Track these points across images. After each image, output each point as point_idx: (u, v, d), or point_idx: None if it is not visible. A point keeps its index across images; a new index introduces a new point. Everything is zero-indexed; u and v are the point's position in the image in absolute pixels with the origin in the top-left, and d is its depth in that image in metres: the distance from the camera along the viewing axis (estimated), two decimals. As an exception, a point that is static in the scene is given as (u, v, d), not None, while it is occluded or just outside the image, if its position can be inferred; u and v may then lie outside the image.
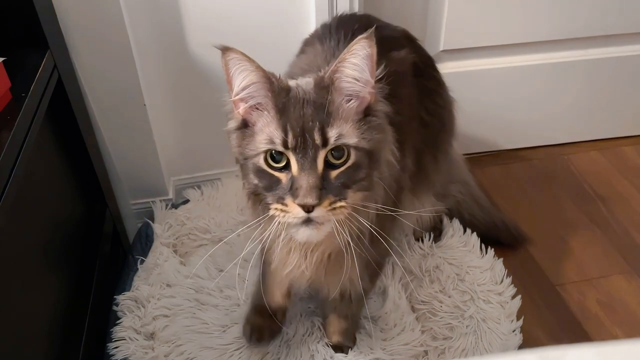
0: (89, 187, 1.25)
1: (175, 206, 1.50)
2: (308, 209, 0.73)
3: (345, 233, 0.78)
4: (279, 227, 0.78)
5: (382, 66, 0.94)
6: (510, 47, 1.58)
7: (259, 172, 0.78)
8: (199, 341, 1.17)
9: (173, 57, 1.33)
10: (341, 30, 1.03)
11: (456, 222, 1.43)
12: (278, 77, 0.78)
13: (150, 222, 1.44)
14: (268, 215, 0.78)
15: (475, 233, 1.41)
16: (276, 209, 0.76)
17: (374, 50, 0.74)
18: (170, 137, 1.46)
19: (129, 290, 1.28)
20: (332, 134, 0.74)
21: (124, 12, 1.20)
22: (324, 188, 0.74)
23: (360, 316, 1.18)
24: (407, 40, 1.12)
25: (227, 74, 0.77)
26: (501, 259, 1.35)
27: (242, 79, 0.76)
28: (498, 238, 1.41)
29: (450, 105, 1.19)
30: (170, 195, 1.51)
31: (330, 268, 0.92)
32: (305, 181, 0.73)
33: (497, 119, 1.69)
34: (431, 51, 1.53)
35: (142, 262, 1.34)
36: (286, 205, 0.75)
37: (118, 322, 1.21)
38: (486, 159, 1.74)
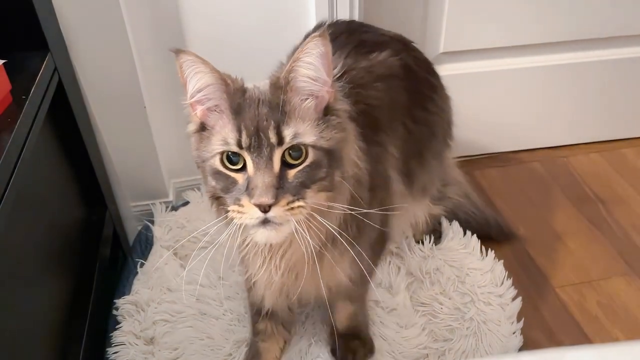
0: (89, 189, 1.25)
1: (175, 208, 1.50)
2: (264, 208, 0.72)
3: (307, 236, 0.76)
4: (238, 230, 0.77)
5: (340, 65, 0.95)
6: (510, 49, 1.58)
7: (216, 173, 0.77)
8: (200, 350, 1.16)
9: (173, 59, 1.33)
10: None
11: (456, 225, 1.43)
12: (234, 78, 0.77)
13: (150, 224, 1.44)
14: (227, 217, 0.77)
15: (475, 235, 1.41)
16: (234, 210, 0.75)
17: (329, 48, 0.73)
18: (170, 139, 1.46)
19: (128, 294, 1.28)
20: (288, 132, 0.73)
21: (124, 15, 1.20)
22: (281, 187, 0.73)
23: (367, 298, 1.16)
24: (398, 44, 1.10)
25: (181, 77, 0.76)
26: (501, 261, 1.35)
27: (197, 81, 0.76)
28: (490, 234, 1.42)
29: (443, 111, 1.17)
30: (171, 197, 1.51)
31: (300, 275, 0.90)
32: (261, 180, 0.72)
33: (497, 121, 1.69)
34: (431, 54, 1.53)
35: (142, 265, 1.34)
36: (243, 205, 0.74)
37: (118, 326, 1.21)
38: (485, 161, 1.74)
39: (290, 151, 0.74)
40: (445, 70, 1.55)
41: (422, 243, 1.39)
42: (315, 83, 0.75)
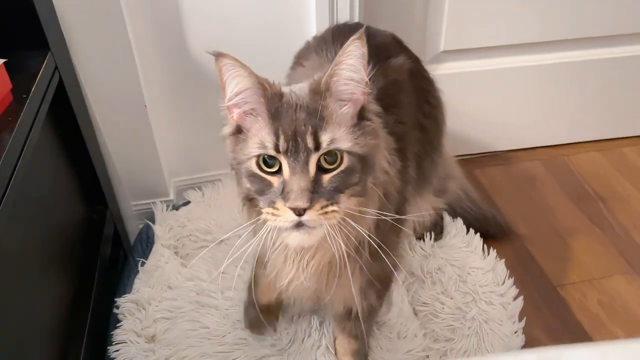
0: (90, 188, 1.25)
1: (176, 207, 1.50)
2: (299, 212, 0.73)
3: (340, 240, 0.77)
4: (271, 233, 0.77)
5: (374, 71, 0.94)
6: (511, 47, 1.58)
7: (252, 176, 0.78)
8: (200, 346, 1.17)
9: (174, 58, 1.34)
10: (337, 41, 1.03)
11: (459, 222, 1.43)
12: (272, 83, 0.78)
13: (151, 223, 1.44)
14: (260, 219, 0.78)
15: (478, 234, 1.41)
16: (268, 212, 0.76)
17: (366, 49, 0.74)
18: (171, 138, 1.46)
19: (129, 292, 1.28)
20: (325, 138, 0.74)
21: (125, 14, 1.20)
22: (316, 192, 0.74)
23: (371, 336, 1.16)
24: (397, 45, 1.11)
25: (220, 80, 0.77)
26: (503, 260, 1.35)
27: (236, 85, 0.76)
28: (487, 230, 1.42)
29: (440, 103, 1.19)
30: (171, 197, 1.51)
31: (329, 279, 0.91)
32: (297, 184, 0.73)
33: (497, 120, 1.69)
34: (431, 52, 1.54)
35: (143, 264, 1.34)
36: (277, 209, 0.75)
37: (119, 325, 1.21)
38: (486, 160, 1.74)
39: (326, 156, 0.75)
40: (445, 69, 1.55)
41: (423, 240, 1.39)
42: (356, 83, 0.76)
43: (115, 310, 1.24)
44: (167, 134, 1.45)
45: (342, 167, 0.76)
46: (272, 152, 0.75)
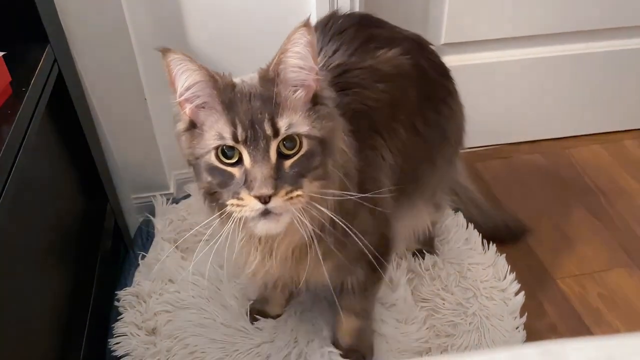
0: (90, 181, 1.25)
1: (176, 201, 1.50)
2: (265, 199, 0.73)
3: (307, 223, 0.77)
4: (237, 224, 0.77)
5: (322, 54, 0.96)
6: (513, 40, 1.57)
7: (212, 169, 0.77)
8: (202, 335, 1.17)
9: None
10: (329, 30, 1.02)
11: (459, 217, 1.43)
12: (222, 74, 0.77)
13: (151, 217, 1.44)
14: (225, 212, 0.77)
15: (476, 230, 1.40)
16: (232, 204, 0.75)
17: (314, 37, 0.74)
18: (171, 130, 1.44)
19: (130, 285, 1.28)
20: (283, 123, 0.74)
21: (124, 6, 1.19)
22: (279, 178, 0.74)
23: (372, 313, 1.16)
24: (412, 43, 1.08)
25: (169, 76, 0.76)
26: (504, 255, 1.35)
27: (185, 79, 0.76)
28: (501, 238, 1.40)
29: (457, 116, 1.15)
30: (172, 190, 1.51)
31: (300, 264, 0.91)
32: (260, 172, 0.72)
33: (499, 112, 1.69)
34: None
35: (143, 257, 1.34)
36: (242, 199, 0.74)
37: (119, 317, 1.21)
38: (488, 153, 1.73)
39: (285, 142, 0.75)
40: (446, 62, 1.54)
41: (415, 255, 1.35)
42: (304, 71, 0.76)
43: (115, 303, 1.24)
44: (167, 126, 1.43)
45: (302, 152, 0.75)
46: (230, 143, 0.74)
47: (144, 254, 1.35)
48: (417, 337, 1.17)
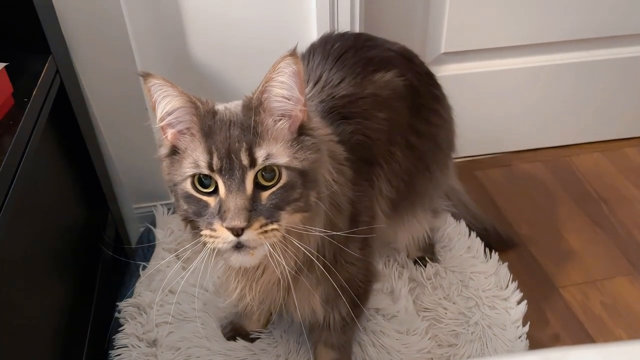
0: (91, 191, 1.25)
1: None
2: (237, 232, 0.70)
3: (283, 261, 0.75)
4: (211, 255, 0.75)
5: (311, 85, 0.95)
6: (512, 49, 1.58)
7: (187, 197, 0.75)
8: (203, 347, 1.17)
9: (175, 61, 1.34)
10: (320, 51, 1.02)
11: (461, 226, 1.42)
12: (204, 100, 0.76)
13: (152, 227, 1.44)
14: (200, 241, 0.76)
15: (478, 237, 1.40)
16: (206, 235, 0.73)
17: (300, 67, 0.72)
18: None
19: (131, 296, 1.28)
20: (260, 154, 0.72)
21: (126, 18, 1.20)
22: (254, 210, 0.71)
23: (352, 345, 1.14)
24: (402, 60, 1.08)
25: (150, 100, 0.75)
26: (506, 264, 1.34)
27: (166, 105, 0.75)
28: (489, 242, 1.40)
29: (447, 122, 1.15)
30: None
31: (281, 296, 0.89)
32: (233, 203, 0.70)
33: (499, 121, 1.69)
34: (432, 54, 1.54)
35: (144, 267, 1.34)
36: (215, 229, 0.72)
37: (120, 329, 1.21)
38: (488, 161, 1.73)
39: (263, 172, 0.73)
40: (446, 71, 1.55)
41: (417, 263, 1.35)
42: (289, 102, 0.74)
43: (116, 314, 1.24)
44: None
45: (280, 183, 0.73)
46: (205, 171, 0.72)
47: (144, 264, 1.35)
48: (419, 348, 1.17)
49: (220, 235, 0.72)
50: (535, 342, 1.20)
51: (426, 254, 1.35)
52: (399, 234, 1.21)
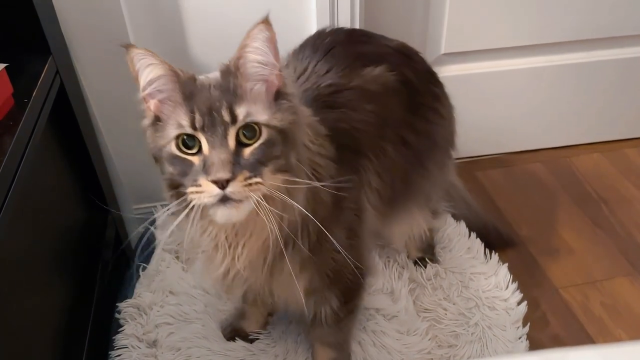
0: (91, 192, 1.25)
1: (177, 211, 1.50)
2: (222, 184, 0.72)
3: (272, 216, 0.76)
4: (197, 212, 0.76)
5: (296, 76, 0.97)
6: (512, 49, 1.58)
7: (173, 159, 0.77)
8: (203, 347, 1.17)
9: (175, 61, 1.32)
10: (311, 45, 1.04)
11: (461, 227, 1.42)
12: (184, 70, 0.79)
13: (152, 228, 1.44)
14: (185, 202, 0.77)
15: (478, 238, 1.40)
16: (192, 191, 0.75)
17: (274, 34, 0.75)
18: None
19: (131, 297, 1.28)
20: (241, 111, 0.74)
21: (126, 18, 1.20)
22: (238, 164, 0.73)
23: (350, 345, 1.14)
24: (399, 56, 1.08)
25: (133, 71, 0.77)
26: (506, 264, 1.34)
27: (148, 74, 0.77)
28: (488, 239, 1.41)
29: (447, 121, 1.15)
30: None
31: (270, 270, 0.89)
32: (217, 157, 0.72)
33: (499, 122, 1.69)
34: (432, 54, 1.54)
35: (144, 268, 1.34)
36: (200, 185, 0.74)
37: (120, 329, 1.21)
38: (488, 162, 1.73)
39: (244, 131, 0.75)
40: (446, 71, 1.55)
41: (417, 264, 1.35)
42: (265, 67, 0.77)
43: (116, 315, 1.24)
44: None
45: (261, 140, 0.75)
46: (189, 130, 0.74)
47: (144, 265, 1.35)
48: (420, 349, 1.17)
49: (205, 189, 0.73)
50: (535, 343, 1.20)
51: (426, 254, 1.35)
52: (394, 230, 1.21)
